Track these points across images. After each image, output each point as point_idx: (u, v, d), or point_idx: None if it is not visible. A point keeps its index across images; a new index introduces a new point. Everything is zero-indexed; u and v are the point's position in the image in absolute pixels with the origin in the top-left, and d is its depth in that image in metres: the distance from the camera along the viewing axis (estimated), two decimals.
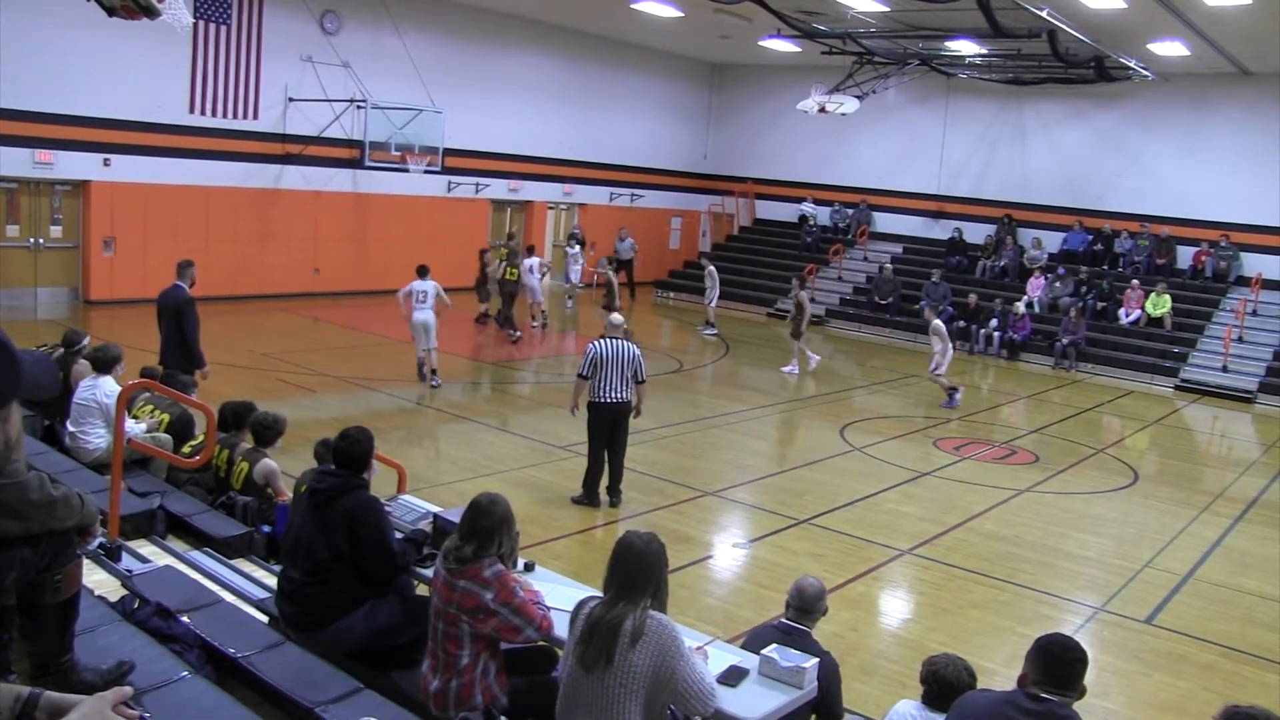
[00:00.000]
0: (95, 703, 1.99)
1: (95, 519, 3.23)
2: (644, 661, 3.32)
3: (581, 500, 8.90)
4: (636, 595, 3.42)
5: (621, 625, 3.35)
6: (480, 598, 3.80)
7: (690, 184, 27.25)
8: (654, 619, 3.39)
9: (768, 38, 20.20)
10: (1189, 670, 6.63)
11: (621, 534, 3.61)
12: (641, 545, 3.52)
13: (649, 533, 3.61)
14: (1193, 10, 15.02)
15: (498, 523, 3.92)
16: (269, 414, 6.63)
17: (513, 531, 4.00)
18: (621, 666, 3.33)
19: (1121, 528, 9.78)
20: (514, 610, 3.82)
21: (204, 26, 16.80)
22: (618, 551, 3.53)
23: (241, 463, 6.45)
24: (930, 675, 3.89)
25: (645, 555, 3.50)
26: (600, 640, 3.36)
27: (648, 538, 3.56)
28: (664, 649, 3.34)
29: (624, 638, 3.34)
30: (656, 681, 3.33)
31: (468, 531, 3.90)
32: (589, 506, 8.87)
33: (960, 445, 12.27)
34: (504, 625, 3.83)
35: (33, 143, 15.34)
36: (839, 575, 7.68)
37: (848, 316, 22.07)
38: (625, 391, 8.74)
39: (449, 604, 3.84)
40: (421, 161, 18.77)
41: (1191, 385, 17.78)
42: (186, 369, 8.62)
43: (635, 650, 3.33)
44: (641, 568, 3.48)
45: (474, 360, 16.10)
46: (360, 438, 4.58)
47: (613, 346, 8.68)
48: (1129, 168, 21.59)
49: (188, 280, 9.40)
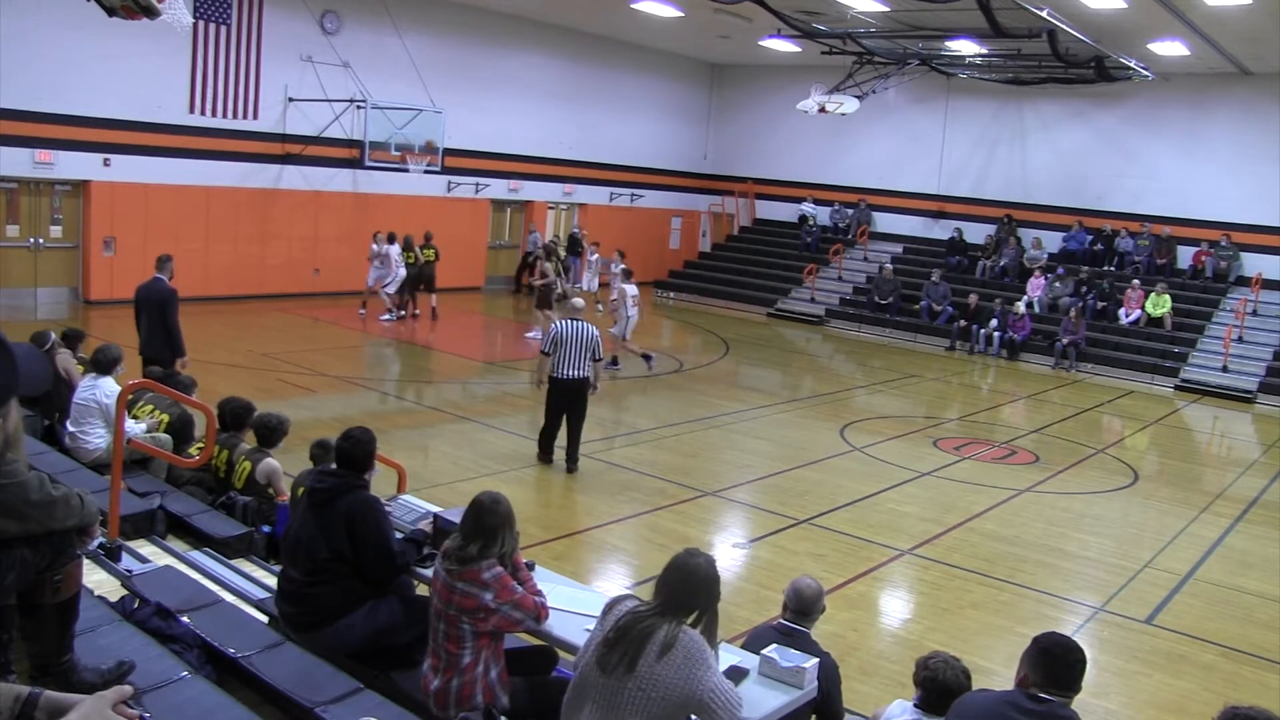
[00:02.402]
0: (95, 702, 1.99)
1: (95, 519, 3.23)
2: (667, 675, 3.23)
3: (540, 458, 9.78)
4: (682, 613, 3.35)
5: (653, 635, 3.27)
6: (480, 599, 3.81)
7: (690, 184, 27.25)
8: (686, 634, 3.30)
9: (768, 38, 20.20)
10: (1189, 670, 6.63)
11: (684, 550, 3.51)
12: (705, 569, 3.43)
13: (709, 556, 3.52)
14: (1193, 10, 15.03)
15: (501, 521, 3.92)
16: (274, 415, 6.65)
17: (514, 531, 4.00)
18: (645, 675, 3.24)
19: (1121, 528, 9.78)
20: (514, 605, 3.86)
21: (204, 26, 16.80)
22: (679, 566, 3.43)
23: (244, 462, 6.46)
24: (927, 680, 3.79)
25: (709, 580, 3.42)
26: (627, 646, 3.28)
27: (709, 561, 3.48)
28: (691, 663, 3.26)
29: (653, 647, 3.25)
30: (678, 697, 3.25)
31: (472, 531, 3.90)
32: (543, 464, 9.72)
33: (960, 445, 12.27)
34: (504, 620, 3.87)
35: (33, 143, 15.34)
36: (839, 575, 7.68)
37: (848, 316, 22.06)
38: (583, 369, 9.47)
39: (449, 605, 3.84)
40: (421, 161, 18.77)
41: (1191, 385, 17.78)
42: (168, 359, 8.90)
43: (661, 663, 3.24)
44: (702, 589, 3.40)
45: (474, 360, 16.11)
46: (363, 438, 4.59)
47: (573, 327, 9.43)
48: (1129, 168, 21.60)
49: (167, 274, 9.75)
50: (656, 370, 14.65)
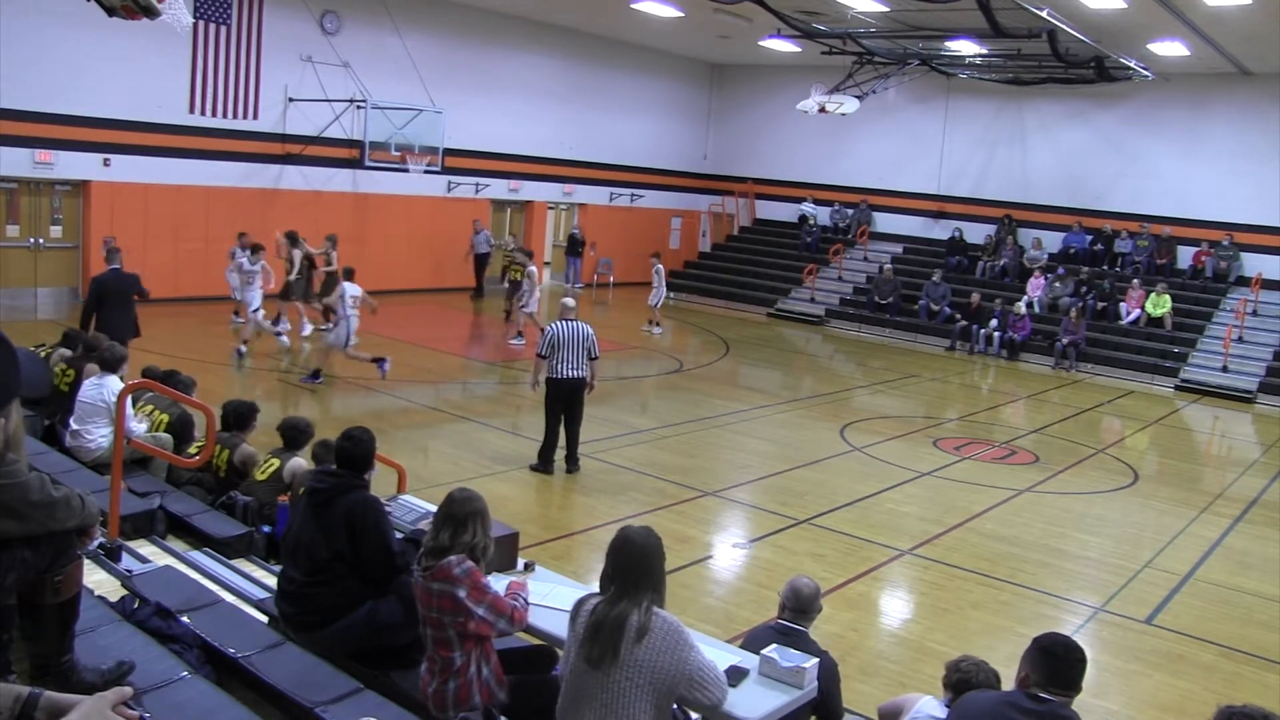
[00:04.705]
0: (95, 703, 1.99)
1: (96, 520, 3.23)
2: (650, 658, 3.31)
3: (538, 468, 9.57)
4: (639, 591, 3.40)
5: (626, 621, 3.34)
6: (454, 595, 3.77)
7: (690, 184, 27.25)
8: (659, 616, 3.37)
9: (768, 38, 20.20)
10: (1189, 670, 6.64)
11: (618, 533, 3.57)
12: (641, 540, 3.49)
13: (645, 527, 3.58)
14: (1193, 10, 15.03)
15: (471, 511, 3.89)
16: (301, 419, 6.78)
17: (487, 529, 3.95)
18: (628, 663, 3.31)
19: (1121, 528, 9.78)
20: (487, 607, 3.81)
21: (204, 26, 16.80)
22: (618, 547, 3.49)
23: (271, 460, 6.54)
24: (960, 683, 3.76)
25: (646, 550, 3.47)
26: (605, 637, 3.34)
27: (645, 532, 3.53)
28: (672, 644, 3.33)
29: (629, 633, 3.32)
30: (666, 677, 3.32)
31: (441, 520, 3.90)
32: (544, 474, 9.51)
33: (960, 445, 12.27)
34: (482, 622, 3.81)
35: (33, 143, 15.34)
36: (839, 575, 7.68)
37: (848, 316, 22.06)
38: (580, 369, 9.47)
39: (430, 609, 3.83)
40: (421, 161, 18.76)
41: (1191, 385, 17.78)
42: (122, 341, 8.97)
43: (641, 647, 3.31)
44: (643, 563, 3.45)
45: (473, 360, 16.10)
46: (364, 438, 4.60)
47: (569, 328, 9.42)
48: (1129, 168, 21.60)
49: (119, 262, 10.56)
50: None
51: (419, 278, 20.60)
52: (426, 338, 16.77)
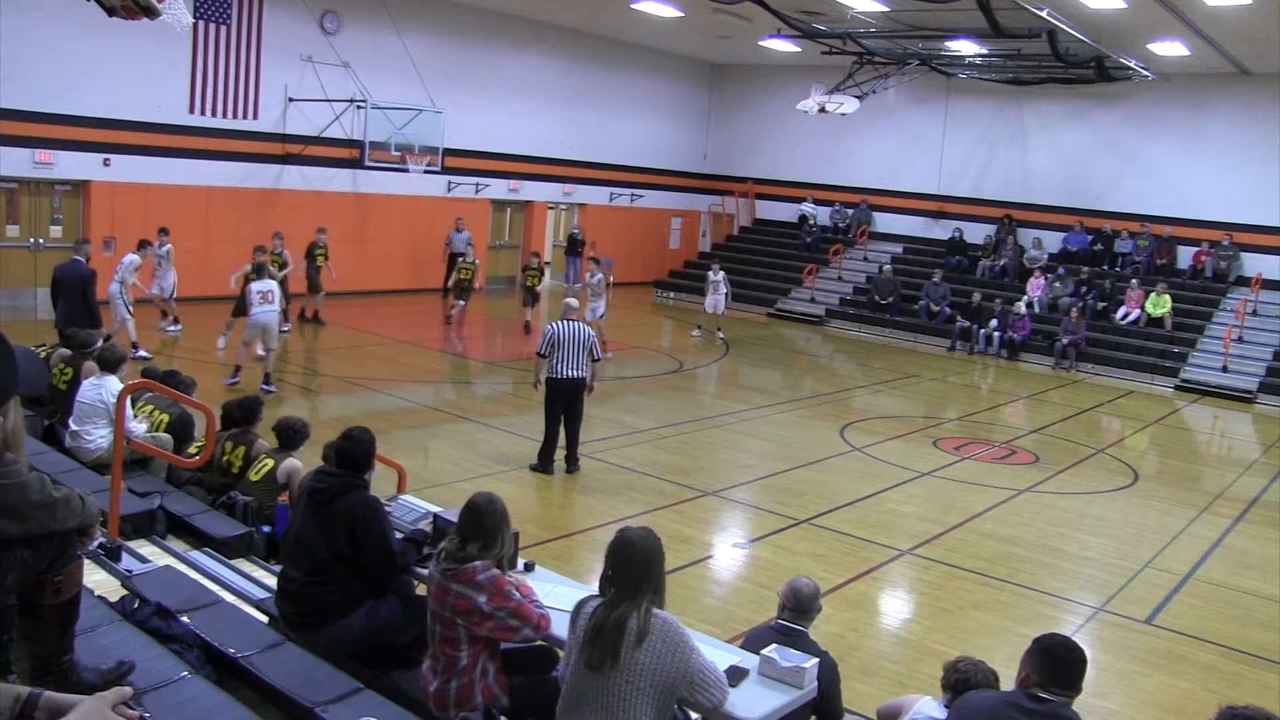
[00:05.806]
0: (95, 703, 1.99)
1: (96, 520, 3.23)
2: (650, 661, 3.29)
3: (538, 468, 9.62)
4: (639, 594, 3.38)
5: (626, 624, 3.32)
6: (473, 601, 3.78)
7: (690, 184, 27.24)
8: (659, 617, 3.36)
9: (768, 38, 20.20)
10: (1189, 670, 6.64)
11: (617, 534, 3.55)
12: (641, 542, 3.47)
13: (644, 528, 3.56)
14: (1193, 10, 15.03)
15: (500, 521, 3.92)
16: (296, 419, 6.74)
17: (511, 532, 4.00)
18: (628, 665, 3.30)
19: (1121, 528, 9.78)
20: (510, 613, 3.81)
21: (204, 26, 16.79)
22: (617, 549, 3.47)
23: (265, 459, 6.52)
24: (959, 683, 3.76)
25: (646, 552, 3.45)
26: (605, 641, 3.33)
27: (644, 533, 3.52)
28: (672, 646, 3.32)
29: (629, 636, 3.31)
30: (667, 679, 3.31)
31: (472, 531, 3.89)
32: (544, 474, 9.55)
33: (960, 445, 12.27)
34: (500, 627, 3.82)
35: (33, 143, 15.33)
36: (839, 575, 7.68)
37: (848, 316, 22.06)
38: (580, 369, 9.50)
39: (443, 607, 3.84)
40: (421, 161, 18.75)
41: (1191, 385, 17.77)
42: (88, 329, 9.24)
43: (641, 649, 3.30)
44: (643, 565, 3.43)
45: (473, 360, 16.10)
46: (363, 437, 4.60)
47: (569, 328, 9.46)
48: (1129, 168, 21.59)
49: (84, 255, 11.03)
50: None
51: (419, 278, 20.60)
52: (427, 338, 16.77)
